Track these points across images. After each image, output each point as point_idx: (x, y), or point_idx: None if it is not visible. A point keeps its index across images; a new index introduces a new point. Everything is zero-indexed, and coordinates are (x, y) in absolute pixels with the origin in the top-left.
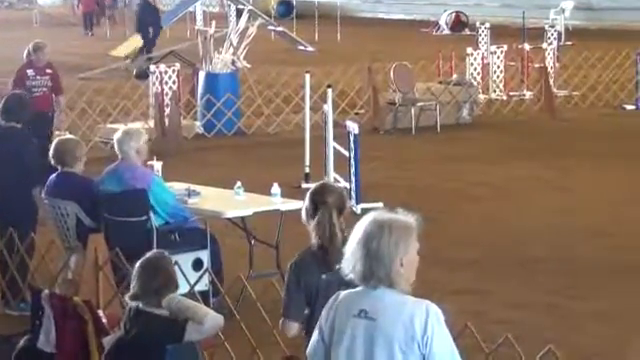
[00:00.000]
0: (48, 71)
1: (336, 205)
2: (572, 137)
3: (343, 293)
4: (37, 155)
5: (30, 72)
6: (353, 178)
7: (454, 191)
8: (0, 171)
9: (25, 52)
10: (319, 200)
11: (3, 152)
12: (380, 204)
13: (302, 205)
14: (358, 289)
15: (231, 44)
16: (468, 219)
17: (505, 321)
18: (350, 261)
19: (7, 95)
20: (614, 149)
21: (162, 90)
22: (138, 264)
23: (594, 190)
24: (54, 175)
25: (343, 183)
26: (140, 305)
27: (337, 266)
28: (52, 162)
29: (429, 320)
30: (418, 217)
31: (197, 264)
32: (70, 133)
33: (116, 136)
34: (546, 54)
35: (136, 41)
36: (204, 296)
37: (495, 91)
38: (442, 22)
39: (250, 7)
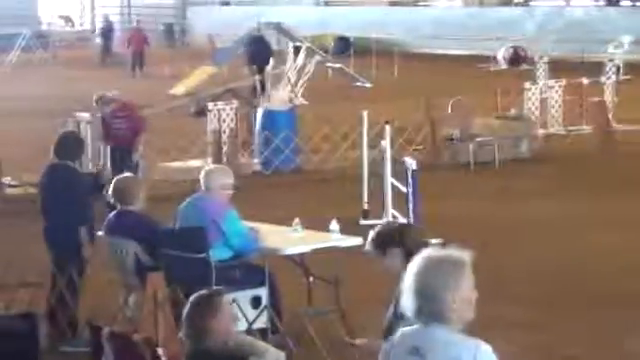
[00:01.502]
0: (120, 114)
1: None
2: (631, 171)
3: (400, 330)
4: (87, 193)
5: (107, 119)
6: (411, 214)
7: (513, 226)
8: (51, 208)
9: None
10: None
11: (55, 189)
12: (439, 240)
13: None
14: (414, 326)
15: (289, 81)
16: (528, 254)
17: (569, 357)
18: (405, 298)
19: (62, 133)
20: None
21: (220, 128)
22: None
23: None
24: (113, 214)
25: (402, 219)
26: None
27: None
28: (111, 200)
29: (477, 358)
30: (472, 252)
31: (255, 301)
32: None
33: (205, 169)
34: (605, 88)
35: (196, 77)
36: (263, 333)
37: (553, 126)
38: (500, 57)
39: (308, 44)
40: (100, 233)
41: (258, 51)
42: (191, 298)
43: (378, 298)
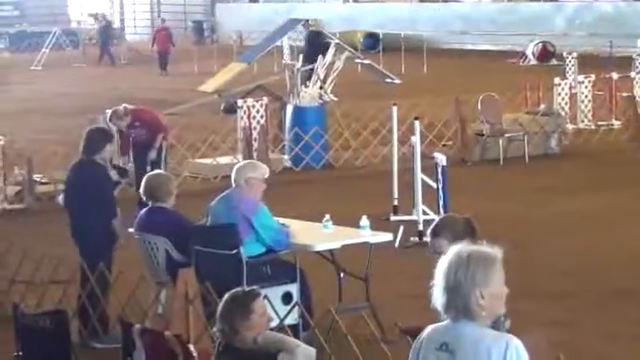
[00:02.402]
0: (137, 124)
1: None
2: None
3: (430, 327)
4: (113, 190)
5: (125, 132)
6: (442, 210)
7: (543, 222)
8: (77, 204)
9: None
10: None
11: (81, 186)
12: None
13: None
14: (444, 322)
15: (318, 78)
16: (558, 250)
17: (598, 353)
18: (435, 293)
19: (88, 129)
20: None
21: (250, 124)
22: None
23: None
24: (144, 210)
25: (432, 215)
26: (226, 342)
27: None
28: (143, 198)
29: (507, 354)
30: (502, 248)
31: (287, 297)
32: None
33: (236, 165)
34: (634, 83)
35: (226, 74)
36: (294, 330)
37: (583, 121)
38: (529, 52)
39: (337, 41)
40: (131, 229)
41: (318, 45)
42: (226, 295)
43: (409, 294)
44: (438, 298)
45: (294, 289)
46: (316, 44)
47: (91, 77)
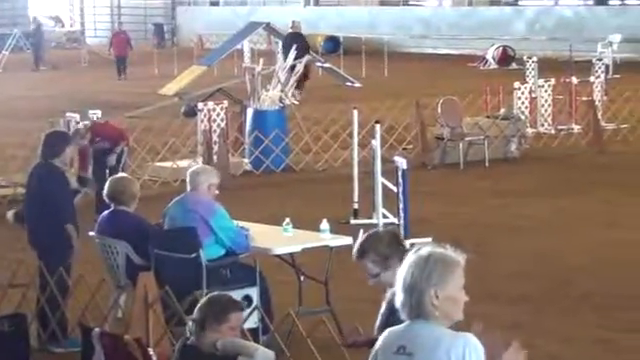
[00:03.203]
0: (97, 139)
1: None
2: (620, 170)
3: (387, 330)
4: (70, 193)
5: (86, 147)
6: (402, 213)
7: (503, 225)
8: (35, 208)
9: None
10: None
11: (37, 188)
12: (429, 239)
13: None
14: (401, 325)
15: (278, 81)
16: (517, 253)
17: (556, 356)
18: (396, 294)
19: (48, 133)
20: None
21: (210, 128)
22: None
23: None
24: (106, 213)
25: (392, 219)
26: (189, 342)
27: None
28: (106, 200)
29: (466, 352)
30: (465, 253)
31: (246, 301)
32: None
33: (191, 169)
34: (594, 87)
35: (186, 77)
36: (254, 333)
37: (543, 125)
38: (489, 56)
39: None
40: (92, 233)
41: (297, 46)
42: (216, 293)
43: (369, 298)
44: (397, 297)
45: (254, 292)
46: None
47: (51, 80)
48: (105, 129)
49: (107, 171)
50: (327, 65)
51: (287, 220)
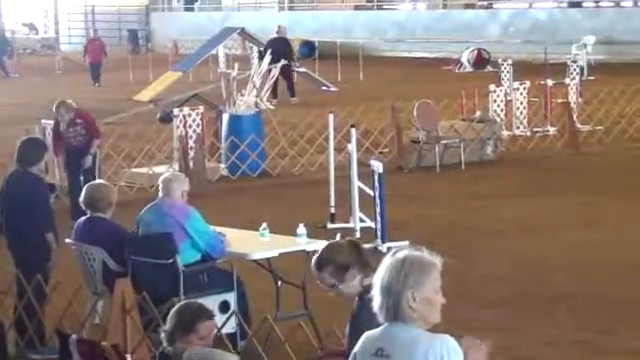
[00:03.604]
0: (78, 121)
1: None
2: (597, 172)
3: (365, 334)
4: (49, 200)
5: (62, 127)
6: (378, 217)
7: (480, 228)
8: (13, 215)
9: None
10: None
11: (16, 196)
12: (406, 243)
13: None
14: (379, 328)
15: (254, 86)
16: (494, 256)
17: (534, 358)
18: (373, 297)
19: (22, 140)
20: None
21: (186, 133)
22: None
23: (621, 225)
24: (82, 220)
25: (369, 222)
26: (165, 350)
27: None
28: (82, 207)
29: (444, 354)
30: (441, 256)
31: (224, 306)
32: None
33: (163, 176)
34: (569, 89)
35: (161, 83)
36: (232, 339)
37: (519, 127)
38: (464, 60)
39: (261, 49)
40: (68, 240)
41: (281, 50)
42: (183, 303)
43: (346, 302)
44: (375, 300)
45: (231, 298)
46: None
47: (26, 87)
48: (87, 116)
49: (81, 177)
50: (303, 70)
51: (264, 225)
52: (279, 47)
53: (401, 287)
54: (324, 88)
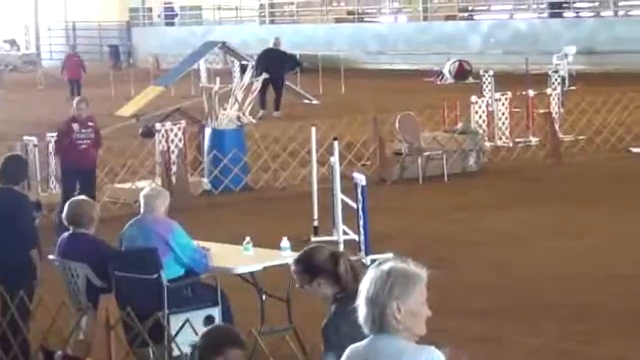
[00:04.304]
0: (90, 124)
1: None
2: (580, 181)
3: (350, 347)
4: (32, 217)
5: (75, 126)
6: (362, 230)
7: (464, 239)
8: None
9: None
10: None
11: (2, 215)
12: (390, 255)
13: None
14: (364, 340)
15: (236, 100)
16: (479, 267)
17: None
18: (358, 308)
19: (5, 157)
20: (622, 192)
21: (168, 148)
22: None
23: (605, 234)
24: (65, 236)
25: (352, 235)
26: None
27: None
28: (65, 223)
29: None
30: (426, 267)
31: (208, 321)
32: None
33: (145, 192)
34: (550, 99)
35: (143, 98)
36: None
37: (501, 138)
38: (445, 71)
39: (253, 63)
40: (51, 256)
41: (272, 63)
42: (221, 324)
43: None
44: (360, 311)
45: (216, 312)
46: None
47: (8, 103)
48: (96, 124)
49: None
50: (285, 83)
51: (247, 239)
52: (274, 58)
53: (386, 299)
54: (306, 101)
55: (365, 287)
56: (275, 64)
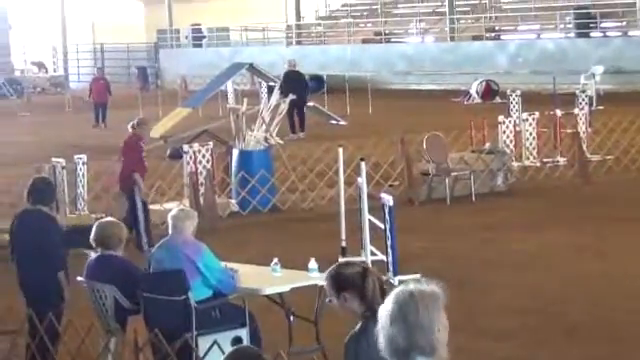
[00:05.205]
0: (141, 143)
1: None
2: (607, 202)
3: None
4: (61, 238)
5: (141, 144)
6: (390, 250)
7: (491, 260)
8: (24, 254)
9: (130, 125)
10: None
11: (28, 235)
12: (417, 275)
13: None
14: None
15: (263, 121)
16: (506, 288)
17: None
18: (386, 337)
19: (33, 179)
20: None
21: (196, 169)
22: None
23: (632, 255)
24: (93, 258)
25: (380, 256)
26: None
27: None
28: (93, 245)
29: None
30: (452, 289)
31: (237, 342)
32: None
33: (173, 213)
34: (578, 119)
35: (171, 119)
36: None
37: (528, 158)
38: (473, 91)
39: (280, 84)
40: (80, 278)
41: (294, 85)
42: (237, 349)
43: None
44: (393, 342)
45: (244, 333)
46: (294, 82)
47: (36, 126)
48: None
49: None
50: (311, 104)
51: (275, 260)
52: (296, 80)
53: (433, 322)
54: (333, 122)
55: (398, 314)
56: (298, 85)
